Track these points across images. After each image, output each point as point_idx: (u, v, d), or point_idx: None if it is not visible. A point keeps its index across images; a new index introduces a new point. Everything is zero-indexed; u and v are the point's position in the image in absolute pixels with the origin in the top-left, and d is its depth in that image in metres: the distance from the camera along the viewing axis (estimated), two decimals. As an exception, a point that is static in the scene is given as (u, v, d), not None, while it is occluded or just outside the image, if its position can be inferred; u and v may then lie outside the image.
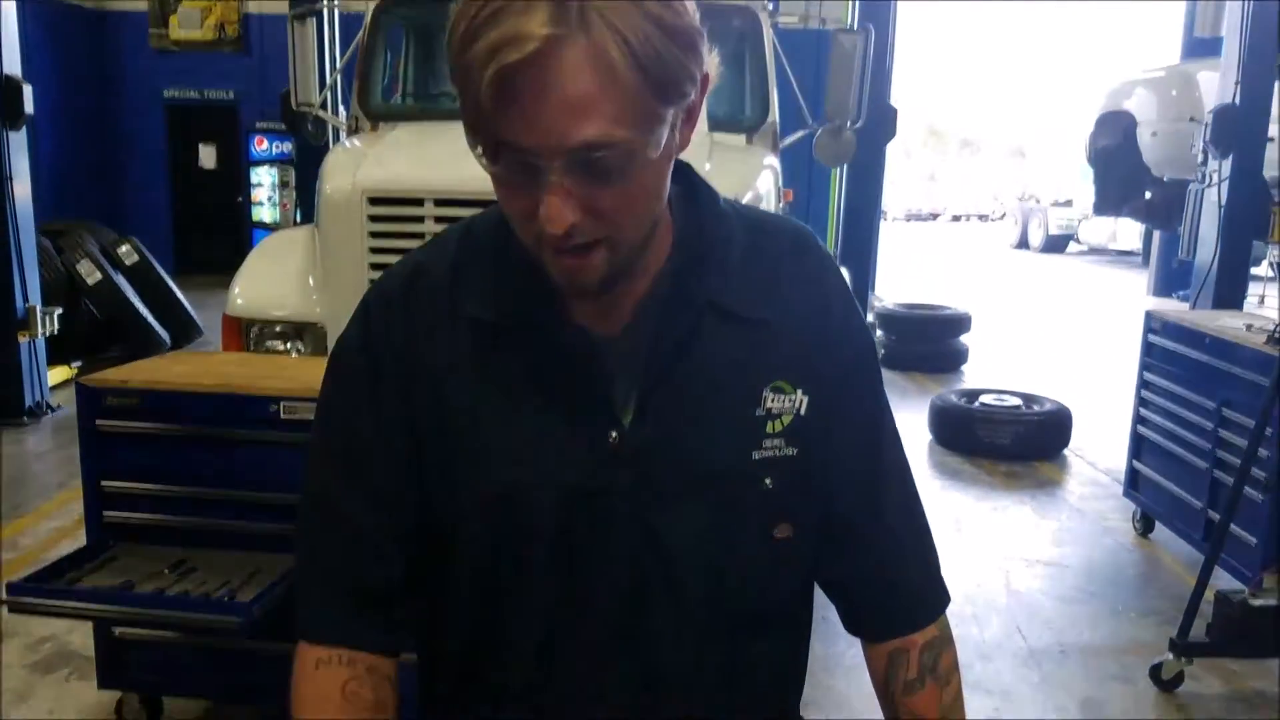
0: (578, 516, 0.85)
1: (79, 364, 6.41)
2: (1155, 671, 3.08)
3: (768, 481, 0.87)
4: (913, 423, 5.69)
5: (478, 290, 0.86)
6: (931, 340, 8.02)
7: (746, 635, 0.91)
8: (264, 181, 11.72)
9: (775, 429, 0.87)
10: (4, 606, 2.32)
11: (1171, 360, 4.08)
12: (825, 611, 0.98)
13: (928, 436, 5.72)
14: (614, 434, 0.84)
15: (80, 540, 2.55)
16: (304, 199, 10.94)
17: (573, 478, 0.84)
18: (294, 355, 3.06)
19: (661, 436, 0.85)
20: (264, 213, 11.72)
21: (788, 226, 0.95)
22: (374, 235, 2.91)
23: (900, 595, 0.97)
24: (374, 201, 2.91)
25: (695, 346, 0.86)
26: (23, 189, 5.69)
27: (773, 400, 0.87)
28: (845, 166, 7.40)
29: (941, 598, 0.99)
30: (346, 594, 0.89)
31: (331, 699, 0.87)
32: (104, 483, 2.49)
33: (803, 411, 0.88)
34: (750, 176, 3.27)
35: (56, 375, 6.21)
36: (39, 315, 5.75)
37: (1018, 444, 5.47)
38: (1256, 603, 2.93)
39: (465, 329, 0.86)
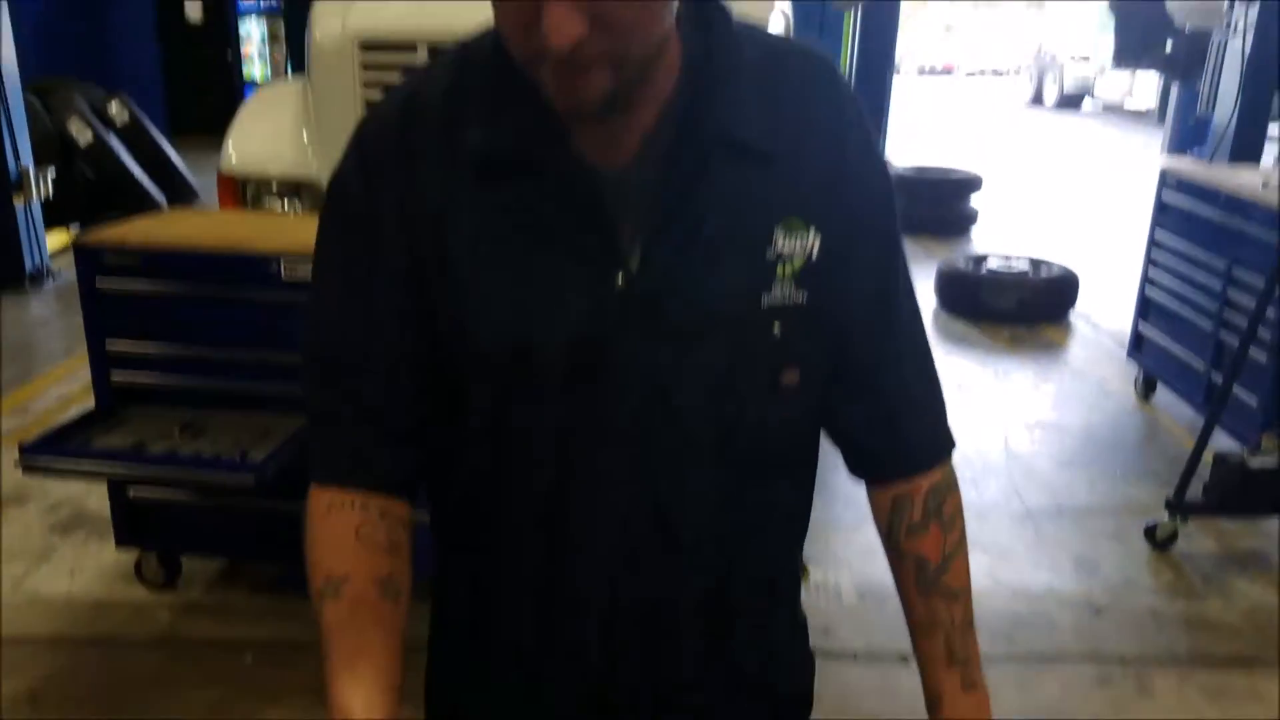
0: (583, 362, 0.82)
1: (76, 226, 6.33)
2: (1150, 531, 3.14)
3: (776, 328, 0.84)
4: (918, 288, 5.66)
5: (476, 121, 0.81)
6: (940, 203, 7.85)
7: (753, 482, 0.90)
8: (253, 34, 11.33)
9: (785, 273, 0.83)
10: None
11: (1184, 218, 4.02)
12: (825, 475, 0.97)
13: (933, 302, 5.70)
14: (620, 277, 0.81)
15: (89, 406, 2.56)
16: (294, 50, 10.57)
17: (577, 324, 0.81)
18: (292, 215, 3.01)
19: (669, 279, 0.81)
20: (255, 69, 11.38)
21: (805, 52, 0.89)
22: (367, 85, 2.81)
23: (906, 437, 0.95)
24: (366, 48, 2.79)
25: (704, 183, 0.81)
26: (6, 44, 5.48)
27: (784, 241, 0.83)
28: (859, 14, 7.12)
29: (947, 442, 0.98)
30: (354, 433, 0.87)
31: (346, 542, 0.85)
32: (108, 343, 2.48)
33: (814, 255, 0.84)
34: (760, 19, 3.13)
35: (55, 241, 6.13)
36: (32, 177, 5.62)
37: (1023, 309, 5.45)
38: (1254, 463, 2.95)
39: (463, 163, 0.82)
